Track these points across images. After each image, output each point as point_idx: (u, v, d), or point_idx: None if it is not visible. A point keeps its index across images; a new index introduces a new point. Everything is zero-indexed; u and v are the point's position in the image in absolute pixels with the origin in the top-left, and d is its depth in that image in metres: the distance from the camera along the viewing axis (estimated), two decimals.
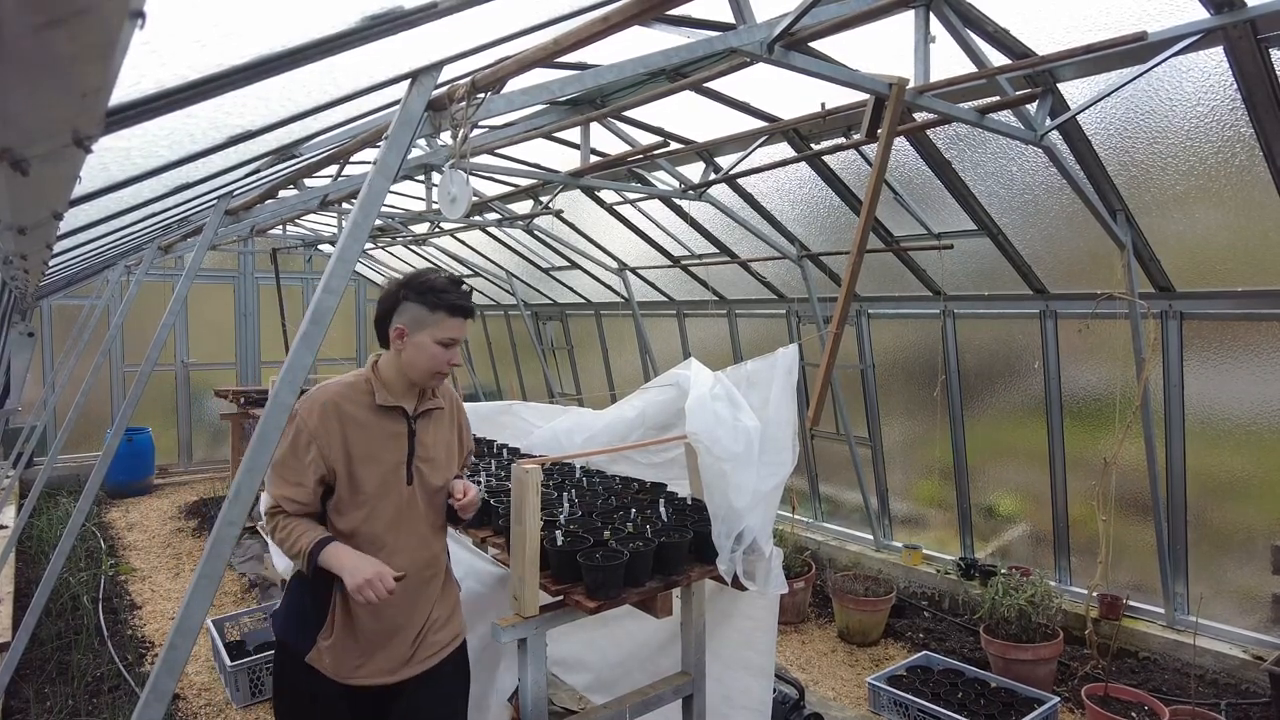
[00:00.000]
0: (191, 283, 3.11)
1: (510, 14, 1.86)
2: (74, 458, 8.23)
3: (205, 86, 1.22)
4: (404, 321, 2.05)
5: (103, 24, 0.52)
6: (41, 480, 3.90)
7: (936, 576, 5.11)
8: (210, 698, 3.98)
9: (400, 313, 2.06)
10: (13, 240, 1.47)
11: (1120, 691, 3.52)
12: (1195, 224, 3.64)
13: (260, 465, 1.39)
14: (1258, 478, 3.88)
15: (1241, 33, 2.71)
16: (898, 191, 4.36)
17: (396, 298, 2.07)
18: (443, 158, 3.56)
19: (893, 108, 2.46)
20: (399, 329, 2.06)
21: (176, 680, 1.33)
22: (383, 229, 7.30)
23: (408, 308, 2.06)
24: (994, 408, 4.94)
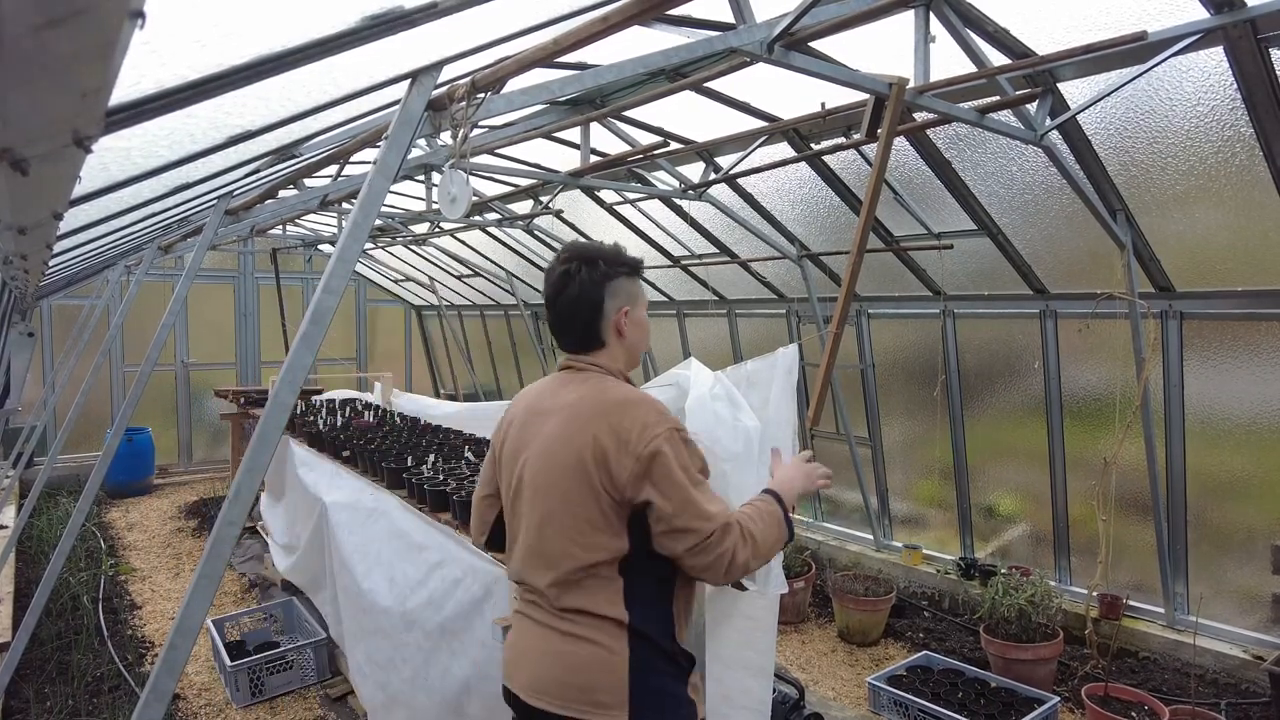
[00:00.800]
0: (191, 283, 3.12)
1: (510, 14, 1.86)
2: (74, 458, 8.23)
3: (205, 86, 1.22)
4: (623, 301, 1.76)
5: (103, 24, 0.52)
6: (41, 480, 3.91)
7: (936, 576, 5.11)
8: (210, 698, 3.98)
9: (614, 294, 1.74)
10: (13, 240, 1.47)
11: (1120, 691, 3.52)
12: (1195, 224, 3.64)
13: (260, 465, 1.39)
14: (1258, 477, 3.88)
15: (1241, 32, 2.71)
16: (898, 191, 4.36)
17: (604, 277, 1.73)
18: (443, 158, 3.56)
19: (893, 108, 2.46)
20: (623, 311, 1.76)
21: (176, 680, 1.33)
22: (383, 229, 7.30)
23: (620, 285, 1.75)
24: (994, 407, 4.94)
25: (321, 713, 3.83)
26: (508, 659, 1.76)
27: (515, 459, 1.76)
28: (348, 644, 3.49)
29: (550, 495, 1.65)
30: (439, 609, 2.78)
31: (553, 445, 1.67)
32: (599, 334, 1.75)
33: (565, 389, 1.75)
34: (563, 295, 1.74)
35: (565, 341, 1.80)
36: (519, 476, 1.73)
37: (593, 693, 1.58)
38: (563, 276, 1.73)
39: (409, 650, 2.88)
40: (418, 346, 11.73)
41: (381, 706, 3.08)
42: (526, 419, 1.78)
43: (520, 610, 1.77)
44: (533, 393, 1.86)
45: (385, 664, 3.05)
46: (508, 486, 1.78)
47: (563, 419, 1.69)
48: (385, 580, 3.09)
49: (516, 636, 1.76)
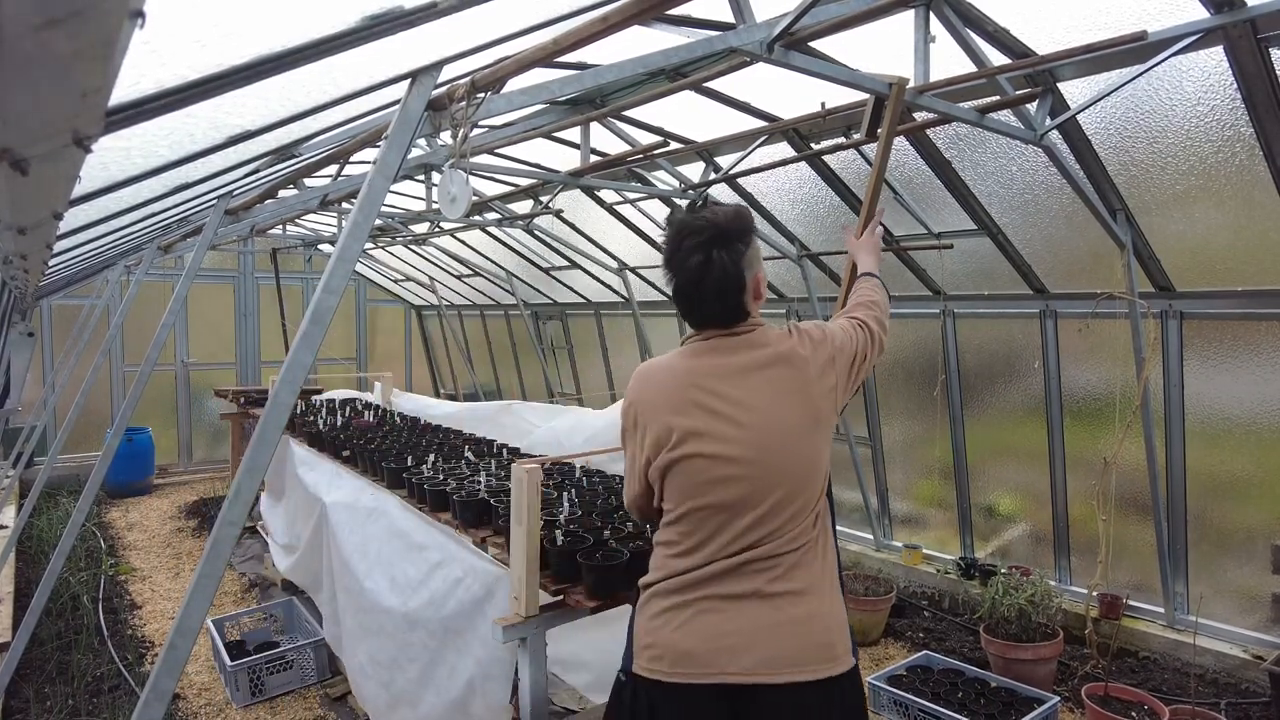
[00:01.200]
0: (191, 283, 3.12)
1: (510, 14, 1.87)
2: (74, 458, 8.23)
3: (205, 86, 1.22)
4: (756, 267, 1.71)
5: (103, 24, 0.52)
6: (41, 480, 3.91)
7: (936, 576, 5.11)
8: (210, 697, 3.98)
9: (750, 265, 1.69)
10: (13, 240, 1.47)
11: (1120, 691, 3.52)
12: (1195, 223, 3.64)
13: (260, 465, 1.39)
14: (1258, 477, 3.88)
15: (1241, 32, 2.71)
16: (898, 191, 4.36)
17: (740, 254, 1.67)
18: (443, 158, 3.56)
19: (893, 107, 2.46)
20: (758, 277, 1.72)
21: (177, 680, 1.33)
22: (383, 229, 7.30)
23: (752, 254, 1.70)
24: (994, 407, 4.94)
25: (321, 712, 3.83)
26: (709, 650, 1.61)
27: (711, 441, 1.64)
28: (347, 644, 3.49)
29: (790, 441, 1.65)
30: (440, 608, 2.78)
31: (775, 395, 1.66)
32: (744, 307, 1.71)
33: (741, 349, 1.70)
34: (705, 283, 1.66)
35: (707, 321, 1.73)
36: (725, 441, 1.63)
37: (832, 647, 1.66)
38: (702, 266, 1.65)
39: (415, 649, 2.88)
40: (418, 346, 11.73)
41: (386, 706, 3.08)
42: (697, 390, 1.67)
43: (715, 595, 1.63)
44: (682, 366, 1.72)
45: (389, 663, 3.05)
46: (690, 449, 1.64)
47: (769, 371, 1.68)
48: (386, 580, 3.09)
49: (725, 621, 1.62)
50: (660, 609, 1.67)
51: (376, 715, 3.19)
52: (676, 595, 1.66)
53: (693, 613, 1.63)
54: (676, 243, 1.69)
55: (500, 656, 2.53)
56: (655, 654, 1.65)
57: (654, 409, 1.71)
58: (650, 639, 1.67)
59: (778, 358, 1.69)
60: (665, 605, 1.67)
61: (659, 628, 1.66)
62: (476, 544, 2.84)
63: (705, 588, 1.64)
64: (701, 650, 1.61)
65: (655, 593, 1.70)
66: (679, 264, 1.69)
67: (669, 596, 1.67)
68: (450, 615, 2.73)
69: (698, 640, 1.62)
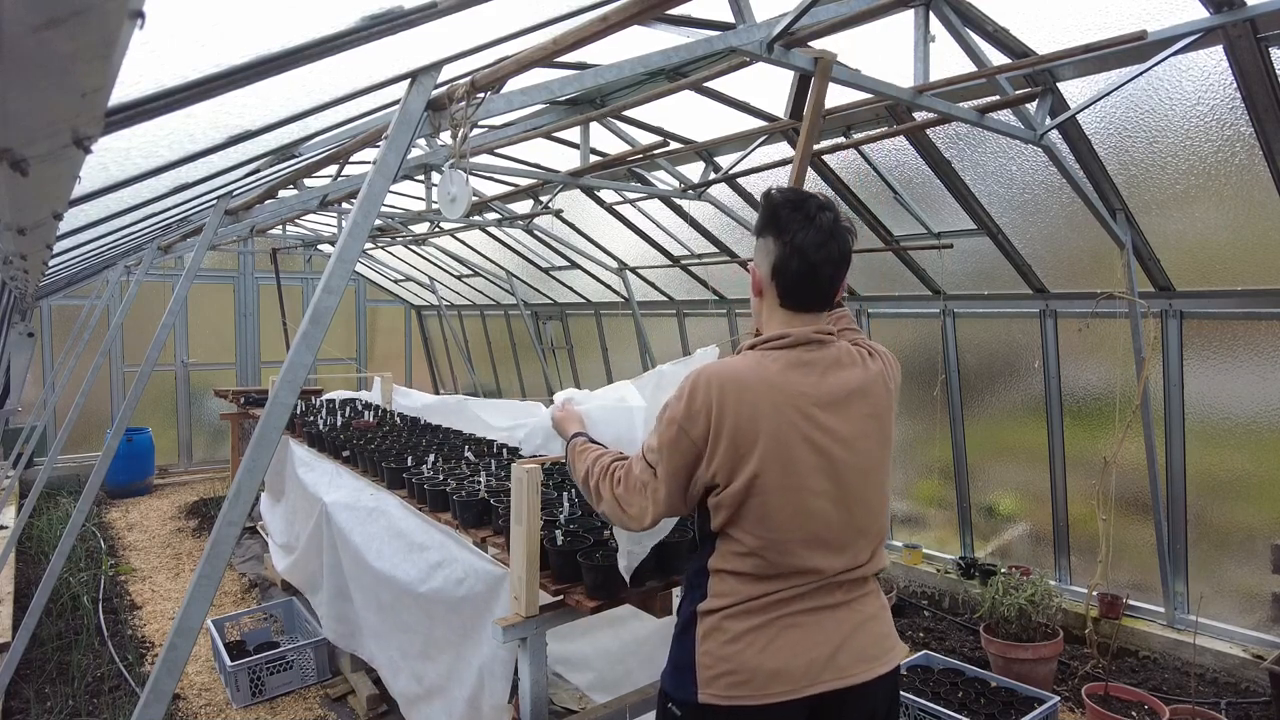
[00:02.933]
0: (191, 283, 3.12)
1: (510, 14, 1.87)
2: (74, 458, 8.22)
3: (205, 86, 1.22)
4: None
5: (103, 24, 0.52)
6: (41, 480, 3.90)
7: (936, 576, 5.11)
8: (210, 698, 3.98)
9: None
10: (13, 240, 1.47)
11: (1120, 691, 3.52)
12: (1195, 223, 3.64)
13: (260, 465, 1.39)
14: (1258, 477, 3.88)
15: (1241, 32, 2.71)
16: (898, 191, 4.36)
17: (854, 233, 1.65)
18: (443, 158, 3.55)
19: (818, 84, 2.40)
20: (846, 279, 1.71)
21: (177, 680, 1.33)
22: (383, 229, 7.30)
23: None
24: (994, 407, 4.94)
25: (322, 713, 3.83)
26: (800, 664, 1.57)
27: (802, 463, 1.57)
28: (367, 637, 3.49)
29: (877, 474, 1.66)
30: (453, 608, 2.79)
31: (866, 428, 1.63)
32: (835, 295, 1.66)
33: (838, 370, 1.63)
34: (831, 246, 1.58)
35: (812, 301, 1.63)
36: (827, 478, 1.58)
37: (893, 636, 1.69)
38: (834, 225, 1.59)
39: (440, 643, 2.91)
40: (418, 346, 11.73)
41: (419, 698, 3.10)
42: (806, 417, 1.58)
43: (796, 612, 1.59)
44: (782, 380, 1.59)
45: (419, 655, 3.06)
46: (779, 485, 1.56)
47: (862, 398, 1.64)
48: (402, 575, 3.11)
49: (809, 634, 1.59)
50: (736, 633, 1.58)
51: (409, 706, 3.21)
52: (755, 617, 1.58)
53: (776, 631, 1.58)
54: (799, 202, 1.60)
55: (501, 656, 2.54)
56: (738, 679, 1.56)
57: (742, 426, 1.55)
58: (729, 665, 1.57)
59: (865, 383, 1.65)
60: (742, 628, 1.58)
61: (738, 652, 1.57)
62: (476, 544, 2.84)
63: (786, 607, 1.59)
64: (792, 666, 1.56)
65: (726, 616, 1.60)
66: (806, 220, 1.58)
67: (744, 619, 1.59)
68: (464, 612, 2.74)
69: (786, 658, 1.56)
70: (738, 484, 1.55)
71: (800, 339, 1.61)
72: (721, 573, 1.62)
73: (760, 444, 1.53)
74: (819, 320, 1.65)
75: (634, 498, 1.69)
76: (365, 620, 3.50)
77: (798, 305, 1.63)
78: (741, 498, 1.55)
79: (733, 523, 1.59)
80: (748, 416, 1.54)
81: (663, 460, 1.62)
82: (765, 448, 1.53)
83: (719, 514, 1.60)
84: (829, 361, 1.62)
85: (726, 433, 1.54)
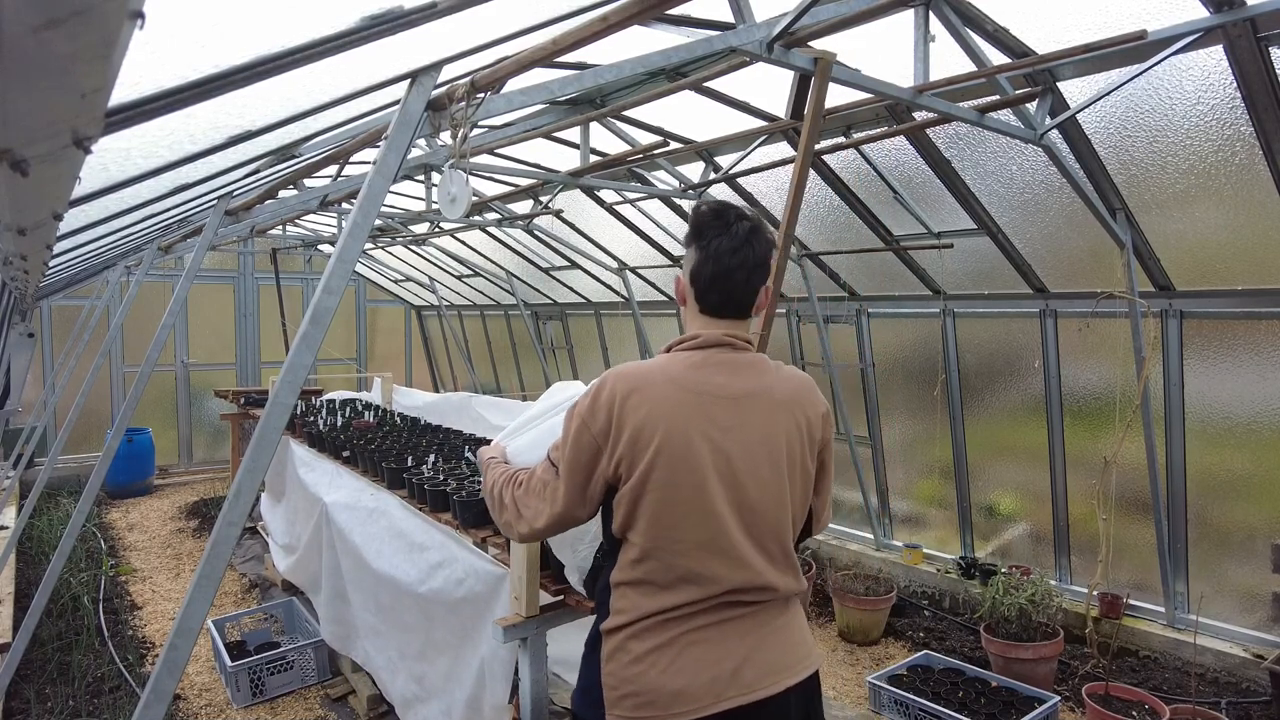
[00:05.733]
0: (191, 283, 3.12)
1: (510, 14, 1.87)
2: (74, 458, 8.23)
3: (205, 86, 1.22)
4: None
5: (102, 24, 0.52)
6: (42, 481, 3.90)
7: (937, 576, 5.11)
8: (211, 698, 3.98)
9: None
10: (13, 241, 1.47)
11: (1121, 690, 3.52)
12: (1195, 223, 3.64)
13: (260, 465, 1.39)
14: (1258, 476, 3.88)
15: (1241, 31, 2.71)
16: (898, 191, 4.36)
17: (772, 246, 1.68)
18: (443, 158, 3.56)
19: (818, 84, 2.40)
20: (768, 289, 1.72)
21: (177, 680, 1.33)
22: (383, 229, 7.30)
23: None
24: (994, 407, 4.94)
25: (322, 713, 3.83)
26: (704, 682, 1.53)
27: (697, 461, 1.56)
28: (364, 637, 3.49)
29: (776, 485, 1.61)
30: (452, 609, 2.79)
31: (770, 434, 1.61)
32: (754, 303, 1.67)
33: (745, 373, 1.63)
34: (747, 251, 1.61)
35: (727, 306, 1.65)
36: (719, 481, 1.56)
37: (808, 643, 1.69)
38: (751, 234, 1.61)
39: (439, 645, 2.91)
40: (418, 346, 11.73)
41: (415, 699, 3.09)
42: (705, 416, 1.57)
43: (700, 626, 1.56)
44: (686, 378, 1.60)
45: (417, 656, 3.06)
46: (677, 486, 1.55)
47: (767, 407, 1.62)
48: (403, 575, 3.10)
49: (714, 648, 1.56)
50: (638, 654, 1.56)
51: (405, 709, 3.20)
52: (656, 636, 1.56)
53: (678, 650, 1.54)
54: (719, 212, 1.64)
55: (502, 656, 2.53)
56: (642, 701, 1.53)
57: (642, 424, 1.55)
58: (633, 686, 1.54)
59: (774, 396, 1.64)
60: (644, 648, 1.56)
61: (641, 673, 1.54)
62: (477, 544, 2.84)
63: (687, 624, 1.56)
64: (695, 685, 1.53)
65: (629, 636, 1.58)
66: (723, 227, 1.61)
67: (646, 638, 1.56)
68: (464, 613, 2.74)
69: (689, 677, 1.53)
70: (635, 478, 1.55)
71: (711, 341, 1.63)
72: (622, 586, 1.61)
73: (658, 439, 1.54)
74: (737, 327, 1.67)
75: (532, 499, 1.70)
76: (363, 621, 3.49)
77: (714, 310, 1.66)
78: (638, 492, 1.55)
79: (630, 524, 1.58)
80: (649, 412, 1.55)
81: (565, 457, 1.63)
82: (663, 443, 1.54)
83: (618, 513, 1.60)
84: (738, 365, 1.63)
85: (628, 427, 1.55)
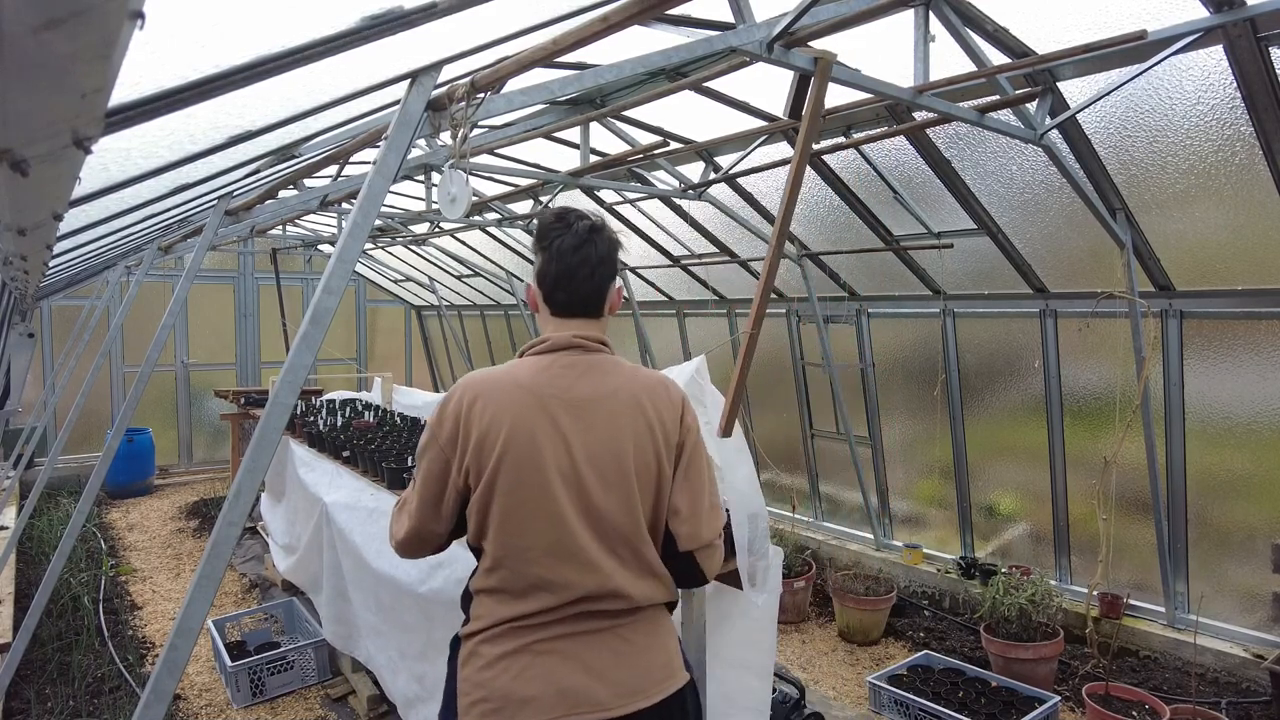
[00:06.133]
0: (191, 283, 3.12)
1: (510, 14, 1.87)
2: (74, 458, 8.23)
3: (205, 87, 1.22)
4: (617, 276, 1.73)
5: (103, 24, 0.52)
6: (42, 481, 3.90)
7: (937, 576, 5.11)
8: (211, 698, 3.98)
9: (617, 267, 1.71)
10: (13, 241, 1.47)
11: (1121, 690, 3.52)
12: (1195, 223, 3.64)
13: (260, 465, 1.40)
14: (1258, 476, 3.88)
15: (1241, 31, 2.71)
16: (898, 191, 4.36)
17: (616, 246, 1.69)
18: (443, 158, 3.56)
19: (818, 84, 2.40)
20: (620, 290, 1.75)
21: (177, 681, 1.33)
22: (383, 229, 7.30)
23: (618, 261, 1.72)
24: (994, 407, 4.94)
25: (322, 713, 3.83)
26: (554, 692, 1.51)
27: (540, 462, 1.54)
28: (366, 637, 3.49)
29: (623, 489, 1.57)
30: (453, 608, 2.79)
31: (616, 437, 1.57)
32: (604, 302, 1.68)
33: (591, 376, 1.61)
34: (588, 250, 1.62)
35: (574, 305, 1.65)
36: (562, 482, 1.54)
37: (669, 665, 1.65)
38: (590, 232, 1.63)
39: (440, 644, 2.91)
40: (418, 346, 11.73)
41: (417, 699, 3.10)
42: (547, 416, 1.56)
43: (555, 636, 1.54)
44: (531, 381, 1.59)
45: (419, 656, 3.06)
46: (521, 488, 1.54)
47: (614, 409, 1.59)
48: (403, 575, 3.10)
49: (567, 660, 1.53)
50: (491, 658, 1.54)
51: (407, 709, 3.20)
52: (509, 641, 1.54)
53: (530, 658, 1.53)
54: (561, 214, 1.66)
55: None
56: (491, 707, 1.51)
57: (487, 428, 1.54)
58: (484, 692, 1.53)
59: (624, 396, 1.61)
60: (496, 653, 1.54)
61: (492, 678, 1.53)
62: None
63: (541, 632, 1.54)
64: (546, 695, 1.50)
65: (482, 641, 1.56)
66: (565, 227, 1.63)
67: (499, 643, 1.55)
68: (446, 613, 2.74)
69: (540, 686, 1.51)
70: (483, 485, 1.54)
71: (560, 343, 1.63)
72: (479, 594, 1.61)
73: (502, 443, 1.53)
74: (589, 328, 1.67)
75: (400, 516, 1.69)
76: (364, 621, 3.49)
77: (562, 310, 1.66)
78: (486, 499, 1.55)
79: (482, 533, 1.58)
80: (493, 416, 1.54)
81: (418, 470, 1.64)
82: (507, 447, 1.53)
83: (471, 523, 1.59)
84: (588, 367, 1.62)
85: (475, 434, 1.54)
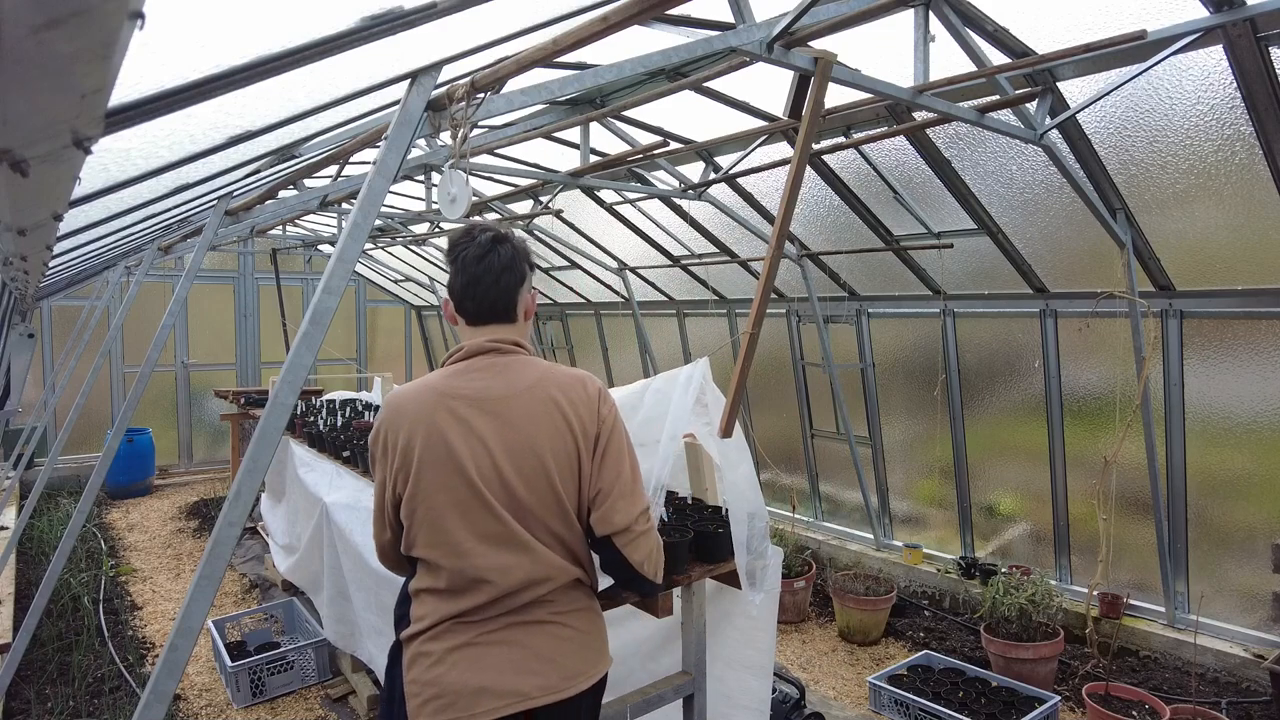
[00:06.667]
0: (191, 283, 3.12)
1: (510, 14, 1.87)
2: (74, 459, 8.22)
3: (205, 87, 1.22)
4: (530, 282, 1.79)
5: (102, 24, 0.52)
6: (42, 481, 3.90)
7: (937, 575, 5.11)
8: (211, 698, 3.98)
9: (528, 273, 1.77)
10: (13, 241, 1.47)
11: (1121, 690, 3.52)
12: (1195, 222, 3.64)
13: (260, 465, 1.39)
14: (1258, 476, 3.88)
15: (1241, 31, 2.71)
16: (898, 191, 4.36)
17: (523, 254, 1.75)
18: (443, 158, 3.55)
19: (817, 84, 2.41)
20: (533, 293, 1.80)
21: (177, 681, 1.33)
22: (383, 229, 7.30)
23: (528, 268, 1.78)
24: (994, 407, 4.94)
25: (322, 713, 3.83)
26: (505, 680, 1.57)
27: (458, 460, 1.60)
28: (368, 636, 3.48)
29: (543, 482, 1.63)
30: None
31: (532, 434, 1.62)
32: (516, 307, 1.74)
33: (506, 376, 1.66)
34: (493, 258, 1.68)
35: (484, 312, 1.71)
36: (481, 477, 1.59)
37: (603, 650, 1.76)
38: (494, 243, 1.70)
39: None
40: (418, 346, 11.73)
41: None
42: (459, 417, 1.62)
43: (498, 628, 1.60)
44: (446, 387, 1.65)
45: None
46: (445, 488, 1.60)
47: (529, 405, 1.63)
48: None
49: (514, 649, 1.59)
50: (438, 655, 1.59)
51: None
52: (455, 636, 1.59)
53: (479, 651, 1.58)
54: (467, 230, 1.73)
55: None
56: (444, 703, 1.55)
57: (407, 435, 1.61)
58: (435, 689, 1.56)
59: (545, 396, 1.66)
60: (442, 649, 1.59)
61: (442, 675, 1.57)
62: None
63: (485, 625, 1.60)
64: (499, 684, 1.56)
65: (428, 639, 1.61)
66: (469, 240, 1.70)
67: (444, 639, 1.60)
68: None
69: (493, 675, 1.56)
70: (409, 491, 1.61)
71: (475, 349, 1.69)
72: (420, 594, 1.65)
73: (419, 448, 1.60)
74: (503, 332, 1.72)
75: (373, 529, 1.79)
76: (366, 621, 3.49)
77: (474, 318, 1.72)
78: (413, 505, 1.61)
79: (416, 540, 1.63)
80: (410, 424, 1.62)
81: (374, 491, 1.73)
82: (424, 451, 1.60)
83: (406, 532, 1.65)
84: (503, 368, 1.68)
85: (400, 445, 1.62)
